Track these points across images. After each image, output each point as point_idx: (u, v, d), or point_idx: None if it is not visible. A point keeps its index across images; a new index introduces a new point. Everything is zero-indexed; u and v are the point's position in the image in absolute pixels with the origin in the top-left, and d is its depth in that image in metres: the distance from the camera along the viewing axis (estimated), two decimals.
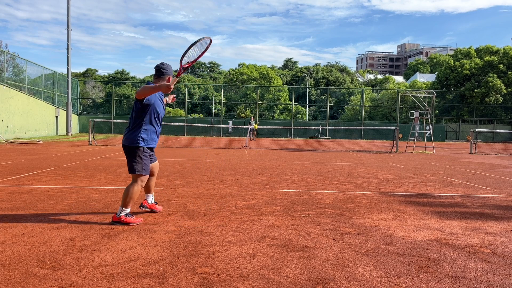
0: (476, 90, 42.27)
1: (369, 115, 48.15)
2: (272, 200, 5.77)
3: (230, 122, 36.14)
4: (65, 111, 31.11)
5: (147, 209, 4.82)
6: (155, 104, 4.32)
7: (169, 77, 4.35)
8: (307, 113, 55.12)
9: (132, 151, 4.26)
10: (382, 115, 48.07)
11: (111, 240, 3.63)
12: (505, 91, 41.81)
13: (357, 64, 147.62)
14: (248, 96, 51.33)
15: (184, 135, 36.25)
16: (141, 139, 4.29)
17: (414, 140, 20.39)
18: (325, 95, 54.07)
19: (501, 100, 42.05)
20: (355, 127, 35.73)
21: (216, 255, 3.31)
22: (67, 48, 29.65)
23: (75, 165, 9.69)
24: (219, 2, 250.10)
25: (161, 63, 4.40)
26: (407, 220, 4.78)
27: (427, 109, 19.16)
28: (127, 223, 4.18)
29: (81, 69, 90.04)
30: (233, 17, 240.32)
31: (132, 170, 4.27)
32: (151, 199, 4.85)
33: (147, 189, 4.78)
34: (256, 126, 28.86)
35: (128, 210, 4.24)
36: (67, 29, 29.28)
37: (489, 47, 45.67)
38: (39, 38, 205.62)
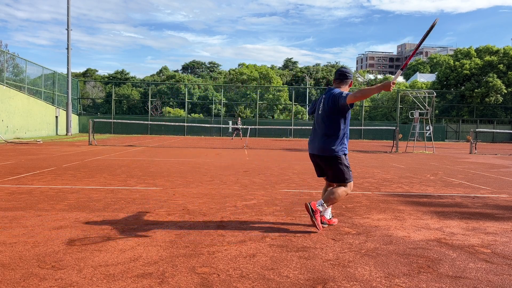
0: (476, 90, 42.28)
1: (369, 115, 48.15)
2: (272, 200, 5.77)
3: (230, 122, 36.13)
4: (65, 111, 31.11)
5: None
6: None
7: (351, 81, 4.29)
8: (307, 113, 55.12)
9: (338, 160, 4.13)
10: (382, 115, 48.08)
11: (111, 240, 3.63)
12: (505, 91, 41.82)
13: (357, 64, 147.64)
14: (248, 96, 51.35)
15: (184, 135, 36.25)
16: (345, 146, 4.20)
17: (414, 140, 20.39)
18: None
19: (501, 100, 42.06)
20: (355, 127, 35.71)
21: (216, 255, 3.31)
22: (67, 48, 29.66)
23: (75, 165, 9.69)
24: (219, 2, 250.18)
25: (344, 67, 4.36)
26: (407, 220, 4.78)
27: (427, 109, 19.16)
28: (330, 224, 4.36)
29: (81, 69, 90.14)
30: (233, 17, 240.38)
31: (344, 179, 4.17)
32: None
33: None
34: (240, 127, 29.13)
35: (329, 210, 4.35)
36: (67, 29, 29.29)
37: (489, 47, 45.68)
38: (39, 38, 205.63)
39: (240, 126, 28.84)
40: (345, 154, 4.20)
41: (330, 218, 4.42)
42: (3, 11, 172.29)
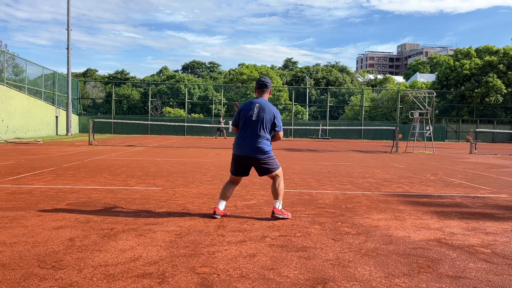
0: (476, 90, 42.27)
1: (369, 115, 48.13)
2: (272, 200, 5.76)
3: (230, 122, 36.10)
4: (65, 111, 31.11)
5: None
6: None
7: (270, 90, 4.91)
8: (307, 113, 55.11)
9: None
10: (382, 115, 48.05)
11: (111, 240, 3.63)
12: (505, 91, 41.82)
13: (357, 64, 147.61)
14: (248, 96, 51.31)
15: (184, 135, 36.26)
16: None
17: (414, 140, 20.39)
18: (325, 95, 54.06)
19: (501, 100, 42.06)
20: (355, 127, 35.73)
21: (216, 255, 3.31)
22: (67, 48, 29.67)
23: (75, 165, 9.69)
24: (219, 2, 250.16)
25: (264, 77, 4.98)
26: (407, 220, 4.78)
27: (427, 109, 19.15)
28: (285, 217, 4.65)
29: (81, 69, 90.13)
30: (233, 17, 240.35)
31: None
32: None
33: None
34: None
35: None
36: (67, 29, 29.29)
37: (489, 47, 45.68)
38: (39, 38, 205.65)
39: (223, 126, 28.99)
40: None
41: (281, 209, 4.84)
42: (3, 11, 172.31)
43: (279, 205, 4.65)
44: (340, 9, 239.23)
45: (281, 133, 4.83)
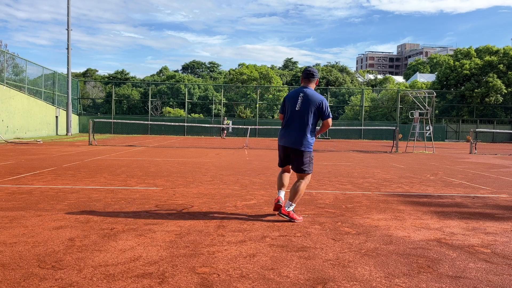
0: (476, 90, 42.27)
1: (369, 115, 48.12)
2: (272, 200, 5.76)
3: (230, 122, 36.12)
4: (65, 111, 31.11)
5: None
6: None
7: (317, 80, 4.79)
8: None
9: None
10: (382, 115, 48.05)
11: (111, 240, 3.63)
12: (505, 91, 41.81)
13: (357, 64, 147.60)
14: (248, 96, 51.33)
15: (184, 135, 36.25)
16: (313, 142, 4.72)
17: (414, 140, 20.39)
18: (325, 95, 54.06)
19: (501, 100, 42.05)
20: (355, 127, 35.73)
21: (216, 255, 3.31)
22: (67, 48, 29.66)
23: (75, 165, 9.69)
24: (219, 2, 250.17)
25: (310, 67, 4.88)
26: (407, 220, 4.78)
27: (427, 109, 19.15)
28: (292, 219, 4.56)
29: (81, 69, 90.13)
30: (233, 17, 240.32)
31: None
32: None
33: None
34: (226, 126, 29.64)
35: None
36: (67, 29, 29.29)
37: (489, 47, 45.67)
38: (39, 38, 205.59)
39: (225, 126, 29.09)
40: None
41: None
42: (3, 11, 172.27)
43: (290, 206, 4.53)
44: (340, 9, 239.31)
45: (329, 121, 4.62)
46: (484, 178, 9.21)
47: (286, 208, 4.54)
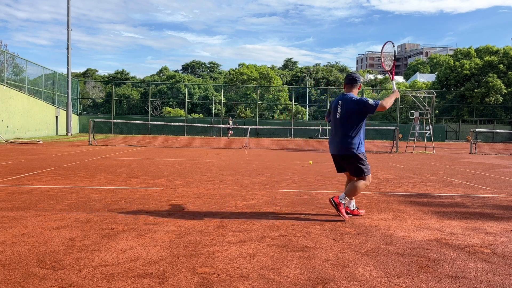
0: (476, 90, 42.28)
1: (369, 115, 48.07)
2: (272, 200, 5.77)
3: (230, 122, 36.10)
4: (65, 111, 31.12)
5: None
6: None
7: (360, 85, 4.90)
8: (307, 113, 55.11)
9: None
10: (382, 115, 48.01)
11: (111, 240, 3.63)
12: (505, 91, 41.82)
13: (357, 64, 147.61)
14: (248, 96, 51.32)
15: (184, 135, 36.25)
16: (363, 145, 4.81)
17: (414, 140, 20.39)
18: (325, 95, 54.05)
19: (501, 100, 42.06)
20: None
21: (216, 255, 3.31)
22: (67, 48, 29.67)
23: (75, 165, 9.69)
24: (219, 2, 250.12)
25: (353, 73, 4.94)
26: (407, 220, 4.78)
27: (427, 109, 19.15)
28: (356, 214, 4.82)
29: (81, 69, 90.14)
30: (233, 17, 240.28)
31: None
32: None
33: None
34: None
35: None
36: (67, 29, 29.30)
37: (489, 47, 45.67)
38: (39, 38, 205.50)
39: (230, 126, 29.20)
40: (363, 152, 4.76)
41: (354, 209, 4.90)
42: (3, 11, 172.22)
43: (343, 199, 4.59)
44: (340, 9, 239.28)
45: (380, 107, 4.55)
46: (484, 178, 9.21)
47: (338, 198, 4.59)
